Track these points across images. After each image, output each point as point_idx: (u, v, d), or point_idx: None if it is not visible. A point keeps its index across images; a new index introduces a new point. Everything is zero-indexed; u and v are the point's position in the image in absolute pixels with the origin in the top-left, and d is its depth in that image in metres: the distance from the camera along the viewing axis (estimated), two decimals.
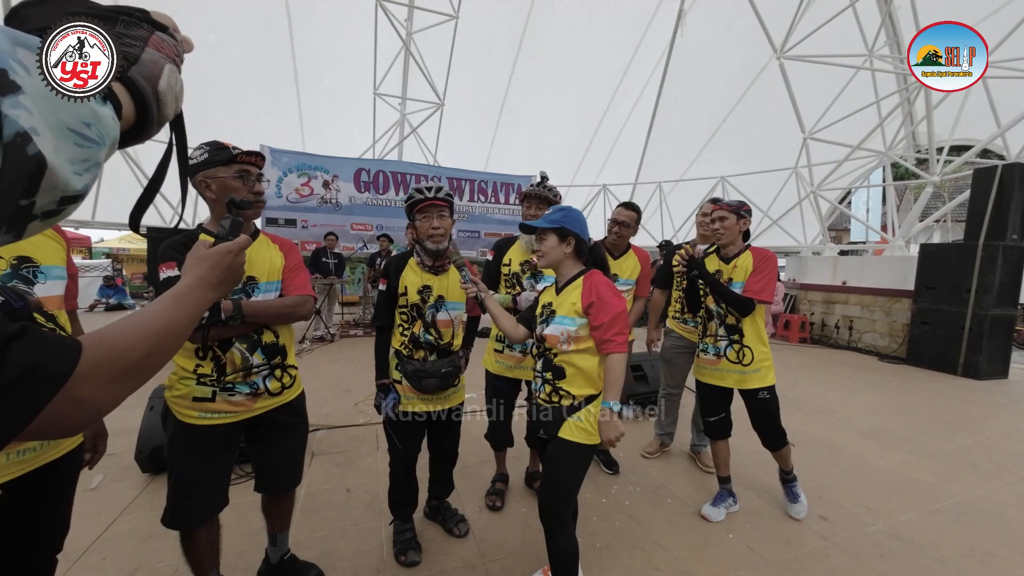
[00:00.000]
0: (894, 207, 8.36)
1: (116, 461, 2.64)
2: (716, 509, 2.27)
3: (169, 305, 0.55)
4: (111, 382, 0.43)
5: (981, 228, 5.47)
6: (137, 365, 0.46)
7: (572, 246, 1.59)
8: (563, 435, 1.53)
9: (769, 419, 2.24)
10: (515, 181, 9.42)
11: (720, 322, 2.25)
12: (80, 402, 0.40)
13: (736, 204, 2.23)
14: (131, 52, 0.39)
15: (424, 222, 1.76)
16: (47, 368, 0.38)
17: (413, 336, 1.82)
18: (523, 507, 2.33)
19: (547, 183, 2.29)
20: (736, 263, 2.22)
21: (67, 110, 0.32)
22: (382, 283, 1.83)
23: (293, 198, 8.01)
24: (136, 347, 0.47)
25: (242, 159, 1.34)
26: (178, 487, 1.39)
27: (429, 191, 1.76)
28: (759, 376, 2.19)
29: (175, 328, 0.54)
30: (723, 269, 2.25)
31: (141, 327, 0.49)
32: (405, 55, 8.82)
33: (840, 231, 21.60)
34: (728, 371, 2.23)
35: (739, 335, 2.20)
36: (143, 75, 0.40)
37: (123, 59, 0.38)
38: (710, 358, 2.29)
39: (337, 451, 2.92)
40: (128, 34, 0.41)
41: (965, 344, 5.42)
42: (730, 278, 2.22)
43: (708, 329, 2.31)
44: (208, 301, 0.63)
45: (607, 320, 1.48)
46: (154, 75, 0.41)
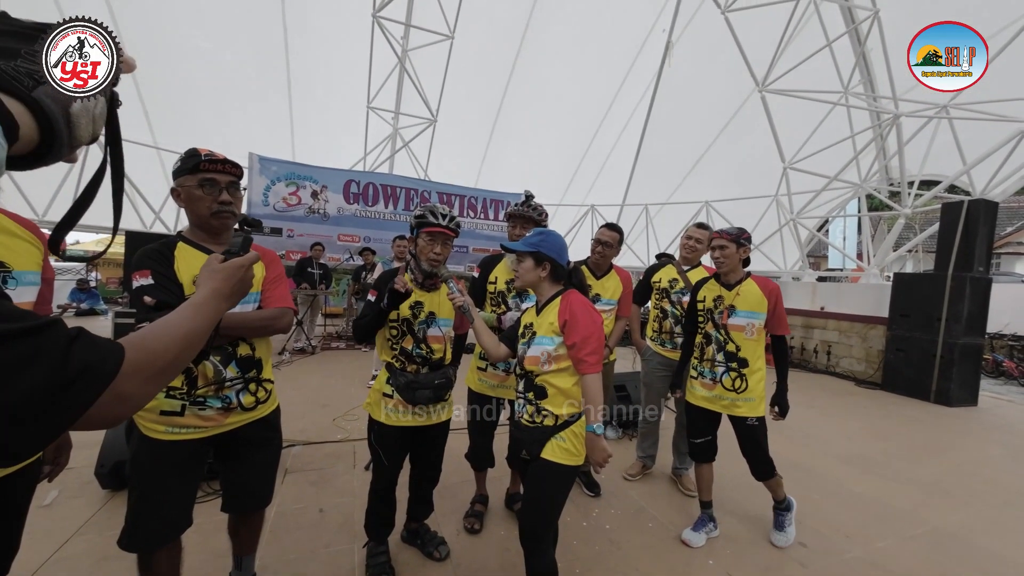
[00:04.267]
0: (869, 236, 8.66)
1: (75, 476, 2.50)
2: (696, 534, 2.25)
3: (192, 314, 0.62)
4: (146, 381, 0.50)
5: (950, 259, 5.70)
6: (168, 366, 0.53)
7: (548, 270, 1.60)
8: (546, 456, 1.52)
9: (756, 447, 2.22)
10: (504, 198, 9.52)
11: (719, 348, 2.25)
12: (122, 397, 0.46)
13: (736, 232, 2.22)
14: (38, 71, 0.38)
15: (428, 244, 1.76)
16: (100, 367, 0.43)
17: (404, 350, 1.81)
18: (502, 530, 2.28)
19: (532, 202, 2.32)
20: (739, 290, 2.22)
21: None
22: (372, 294, 1.81)
23: (280, 207, 7.92)
24: (168, 350, 0.53)
25: (205, 167, 1.28)
26: (139, 506, 1.32)
27: (444, 218, 1.77)
28: (751, 405, 2.19)
29: (197, 334, 0.60)
30: (724, 295, 2.25)
31: (171, 332, 0.56)
32: (400, 71, 8.94)
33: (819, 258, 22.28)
34: (721, 397, 2.23)
35: (738, 363, 2.20)
36: (52, 96, 0.39)
37: (29, 78, 0.37)
38: (706, 382, 2.28)
39: (311, 468, 2.82)
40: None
41: (937, 371, 5.58)
42: (732, 305, 2.21)
43: (705, 353, 2.30)
44: (222, 311, 0.71)
45: (579, 340, 1.49)
46: (67, 99, 0.40)
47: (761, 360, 2.23)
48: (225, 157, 1.32)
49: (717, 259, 2.23)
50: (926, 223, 14.71)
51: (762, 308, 2.17)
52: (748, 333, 2.18)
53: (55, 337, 0.41)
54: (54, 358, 0.40)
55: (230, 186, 1.35)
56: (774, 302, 2.17)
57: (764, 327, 2.19)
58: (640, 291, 2.93)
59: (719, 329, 2.24)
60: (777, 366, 2.24)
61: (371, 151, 9.67)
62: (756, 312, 2.18)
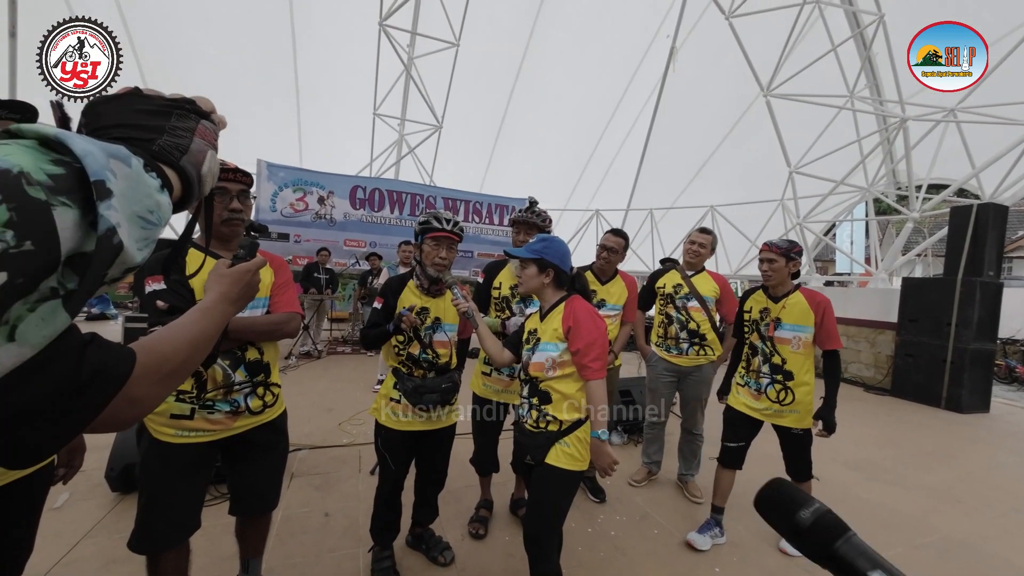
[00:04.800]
0: (877, 240, 8.60)
1: (85, 478, 2.53)
2: (702, 537, 2.24)
3: (199, 318, 0.64)
4: (157, 384, 0.51)
5: (959, 264, 5.64)
6: (177, 369, 0.55)
7: (551, 277, 1.61)
8: (550, 461, 1.52)
9: (800, 452, 2.23)
10: (509, 203, 9.55)
11: (764, 359, 2.24)
12: (134, 400, 0.47)
13: (786, 246, 2.19)
14: (182, 144, 0.46)
15: (433, 249, 1.79)
16: (113, 370, 0.44)
17: (411, 355, 1.83)
18: (507, 535, 2.28)
19: (536, 208, 2.33)
20: (785, 303, 2.20)
21: (139, 203, 0.37)
22: (378, 301, 1.83)
23: (287, 212, 8.01)
24: (177, 353, 0.55)
25: None
26: (148, 508, 1.34)
27: (448, 223, 1.79)
28: (796, 417, 2.18)
29: (205, 337, 0.62)
30: (771, 308, 2.24)
31: (180, 336, 0.57)
32: (406, 79, 9.03)
33: (826, 262, 22.12)
34: (766, 408, 2.22)
35: (783, 376, 2.19)
36: (191, 162, 0.47)
37: (176, 150, 0.45)
38: (751, 391, 2.28)
39: (317, 472, 2.84)
40: (180, 126, 0.47)
41: (947, 377, 5.50)
42: (778, 317, 2.21)
43: (751, 364, 2.31)
44: (230, 315, 0.72)
45: (582, 346, 1.49)
46: (199, 161, 0.48)
47: (810, 374, 2.19)
48: (236, 166, 1.35)
49: (765, 272, 2.22)
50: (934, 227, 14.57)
51: (808, 322, 2.14)
52: (794, 346, 2.16)
53: (69, 341, 0.42)
54: (69, 361, 0.41)
55: (240, 194, 1.38)
56: (821, 315, 2.13)
57: (813, 341, 2.17)
58: (644, 296, 2.93)
59: (765, 341, 2.24)
60: (826, 381, 2.19)
61: (377, 157, 9.76)
62: (802, 325, 2.15)
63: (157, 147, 0.43)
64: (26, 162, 0.29)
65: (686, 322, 2.68)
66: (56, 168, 0.30)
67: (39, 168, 0.29)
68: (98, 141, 0.35)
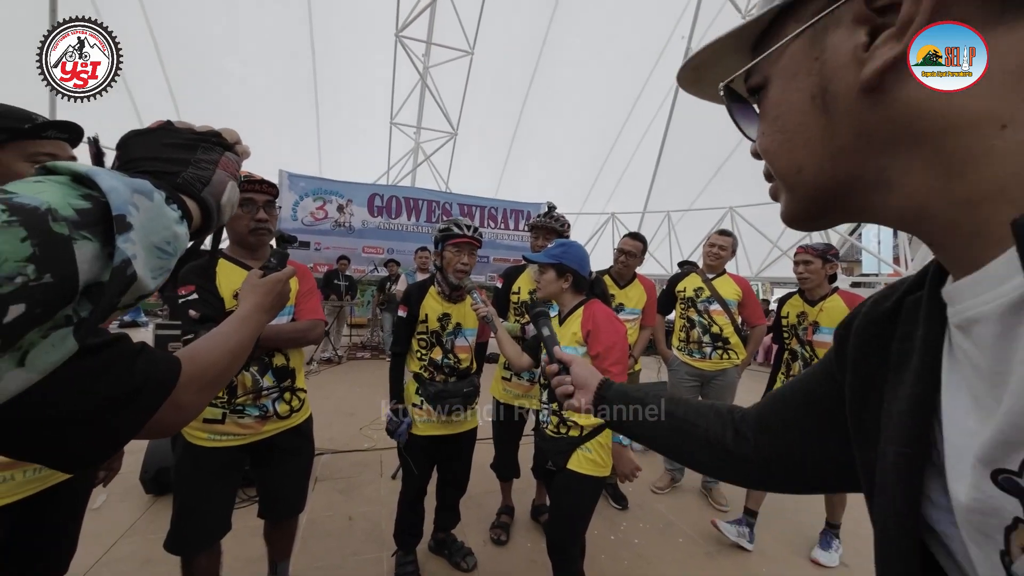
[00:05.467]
0: (906, 239, 8.28)
1: (121, 480, 2.58)
2: (730, 527, 2.23)
3: (238, 327, 0.66)
4: (200, 391, 0.53)
5: None
6: (219, 377, 0.57)
7: (570, 282, 1.61)
8: (572, 467, 1.51)
9: None
10: (525, 208, 9.57)
11: (804, 364, 2.22)
12: (179, 407, 0.49)
13: (822, 248, 2.17)
14: (205, 175, 0.48)
15: (455, 256, 1.82)
16: (162, 378, 0.47)
17: (433, 360, 1.86)
18: (528, 541, 2.27)
19: (554, 213, 2.34)
20: (823, 307, 2.16)
21: (158, 234, 0.39)
22: (402, 310, 1.86)
23: (308, 221, 8.20)
24: (218, 362, 0.57)
25: (244, 187, 1.35)
26: (183, 512, 1.38)
27: (468, 229, 1.83)
28: None
29: (243, 346, 0.65)
30: (808, 312, 2.21)
31: (220, 345, 0.60)
32: (421, 87, 9.18)
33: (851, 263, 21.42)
34: None
35: None
36: (212, 193, 0.49)
37: (198, 182, 0.47)
38: None
39: (340, 477, 2.88)
40: (205, 159, 0.49)
41: None
42: (815, 321, 2.17)
43: (792, 369, 2.30)
44: (264, 323, 0.75)
45: (602, 349, 1.48)
46: (219, 192, 0.50)
47: None
48: (262, 178, 1.40)
49: (801, 274, 2.18)
50: None
51: None
52: None
53: (123, 351, 0.45)
54: (123, 370, 0.44)
55: (267, 205, 1.43)
56: None
57: None
58: (664, 301, 2.89)
59: (804, 346, 2.21)
60: None
61: (394, 165, 9.93)
62: None
63: (181, 179, 0.45)
64: (55, 199, 0.30)
65: (708, 326, 2.64)
66: (83, 203, 0.32)
67: (67, 203, 0.31)
68: (125, 176, 0.37)
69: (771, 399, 0.59)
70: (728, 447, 0.60)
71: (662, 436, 0.68)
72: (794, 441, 0.53)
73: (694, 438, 0.64)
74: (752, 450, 0.58)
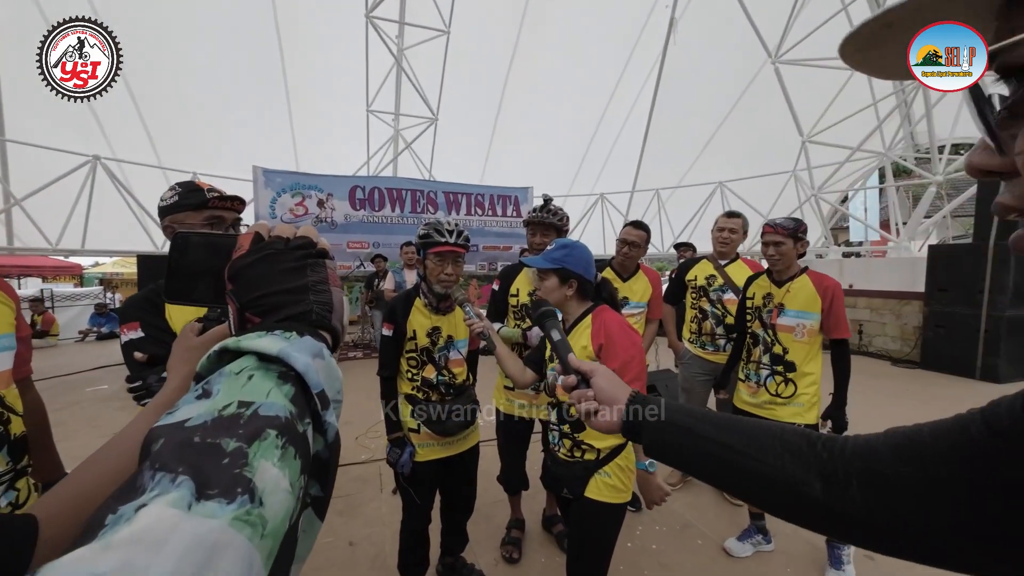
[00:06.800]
0: (897, 207, 8.27)
1: None
2: (741, 544, 2.12)
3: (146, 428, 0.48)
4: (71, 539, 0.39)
5: (991, 228, 5.36)
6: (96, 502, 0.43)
7: (574, 288, 1.44)
8: (591, 495, 1.36)
9: None
10: (512, 193, 9.31)
11: (765, 349, 2.07)
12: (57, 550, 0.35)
13: (792, 226, 1.99)
14: (326, 300, 0.42)
15: (437, 266, 1.63)
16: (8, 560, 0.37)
17: (426, 380, 1.69)
18: (542, 556, 2.15)
19: (551, 207, 2.15)
20: (790, 287, 2.01)
21: (332, 389, 0.35)
22: (387, 328, 1.68)
23: (288, 218, 7.84)
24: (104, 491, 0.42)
25: (215, 204, 1.15)
26: None
27: (451, 234, 1.62)
28: (796, 411, 1.99)
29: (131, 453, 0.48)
30: (774, 293, 2.05)
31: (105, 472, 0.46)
32: (397, 71, 8.76)
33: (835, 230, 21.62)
34: (765, 402, 2.06)
35: (784, 367, 2.00)
36: (338, 319, 0.43)
37: (327, 311, 0.41)
38: (750, 385, 2.11)
39: (338, 495, 2.73)
40: (317, 280, 0.43)
41: (982, 347, 5.28)
42: (781, 303, 2.02)
43: (752, 355, 2.14)
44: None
45: (619, 365, 1.32)
46: (341, 313, 0.44)
47: (814, 364, 2.02)
48: (233, 195, 1.18)
49: (771, 256, 2.01)
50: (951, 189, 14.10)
51: (815, 308, 1.95)
52: (797, 335, 1.98)
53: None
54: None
55: (235, 224, 1.20)
56: (830, 301, 1.93)
57: (819, 329, 1.98)
58: (673, 290, 2.74)
59: (767, 329, 2.06)
60: (835, 374, 1.98)
61: (374, 155, 9.55)
62: (807, 312, 1.96)
63: (315, 316, 0.41)
64: (279, 398, 0.29)
65: (722, 316, 2.49)
66: (290, 388, 0.31)
67: (286, 398, 0.30)
68: (303, 341, 0.35)
69: (891, 440, 0.45)
70: (816, 499, 0.46)
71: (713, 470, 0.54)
72: (931, 509, 0.40)
73: (760, 478, 0.49)
74: (858, 508, 0.44)
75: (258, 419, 0.27)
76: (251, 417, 0.27)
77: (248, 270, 0.41)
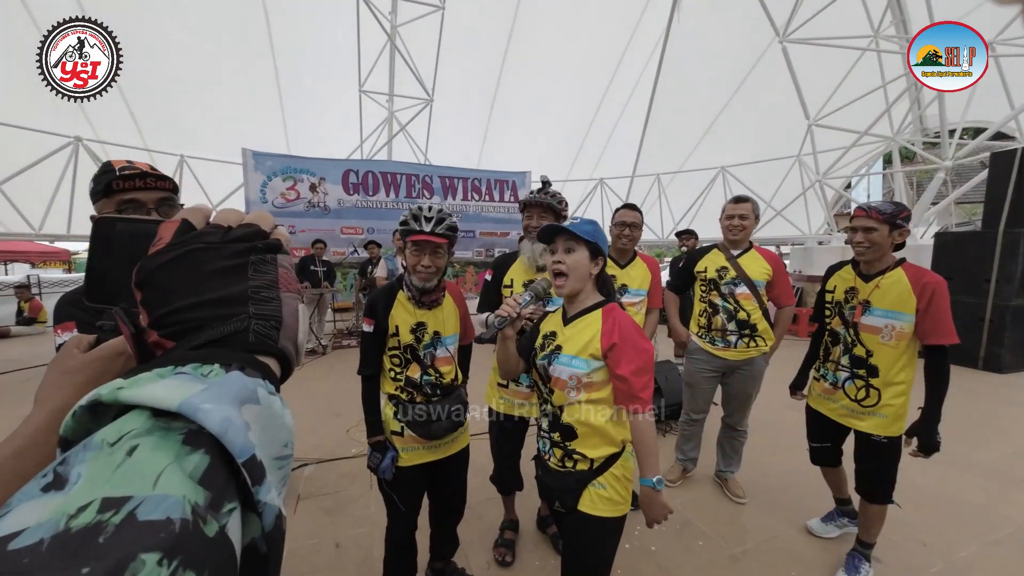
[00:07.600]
0: (903, 193, 8.10)
1: None
2: (825, 525, 2.13)
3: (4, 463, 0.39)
4: None
5: (1000, 215, 5.22)
6: None
7: (600, 268, 1.31)
8: (585, 509, 1.25)
9: (880, 466, 1.82)
10: (509, 178, 9.09)
11: (845, 350, 1.87)
12: None
13: (891, 210, 1.69)
14: (273, 313, 0.32)
15: (414, 256, 1.48)
16: None
17: (410, 380, 1.56)
18: (536, 559, 2.06)
19: (550, 189, 1.99)
20: (880, 283, 1.74)
21: (274, 442, 0.27)
22: (368, 324, 1.54)
23: (279, 203, 7.65)
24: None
25: (119, 185, 0.91)
26: None
27: (428, 222, 1.45)
28: (880, 422, 1.79)
29: None
30: (859, 287, 1.81)
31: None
32: (390, 50, 8.43)
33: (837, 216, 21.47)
34: (841, 404, 1.90)
35: (866, 371, 1.80)
36: (288, 338, 0.33)
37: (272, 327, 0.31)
38: (826, 386, 1.96)
39: (325, 492, 2.63)
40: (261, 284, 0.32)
41: (986, 336, 5.19)
42: (867, 300, 1.77)
43: (830, 353, 1.96)
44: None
45: (630, 372, 1.19)
46: (295, 331, 0.34)
47: (906, 372, 1.76)
48: (149, 168, 0.95)
49: (859, 243, 1.75)
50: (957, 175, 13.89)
51: (908, 308, 1.68)
52: (884, 337, 1.73)
53: None
54: None
55: (161, 204, 0.97)
56: (928, 300, 1.65)
57: (913, 332, 1.72)
58: (681, 279, 2.59)
59: (848, 328, 1.86)
60: (927, 386, 1.70)
61: (367, 137, 9.28)
62: (899, 312, 1.70)
63: (253, 336, 0.30)
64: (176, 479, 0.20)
65: (734, 311, 2.34)
66: (198, 457, 0.22)
67: (185, 483, 0.21)
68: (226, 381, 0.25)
69: None
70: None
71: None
72: None
73: None
74: None
75: (131, 531, 0.18)
76: (120, 529, 0.18)
77: (162, 273, 0.30)
